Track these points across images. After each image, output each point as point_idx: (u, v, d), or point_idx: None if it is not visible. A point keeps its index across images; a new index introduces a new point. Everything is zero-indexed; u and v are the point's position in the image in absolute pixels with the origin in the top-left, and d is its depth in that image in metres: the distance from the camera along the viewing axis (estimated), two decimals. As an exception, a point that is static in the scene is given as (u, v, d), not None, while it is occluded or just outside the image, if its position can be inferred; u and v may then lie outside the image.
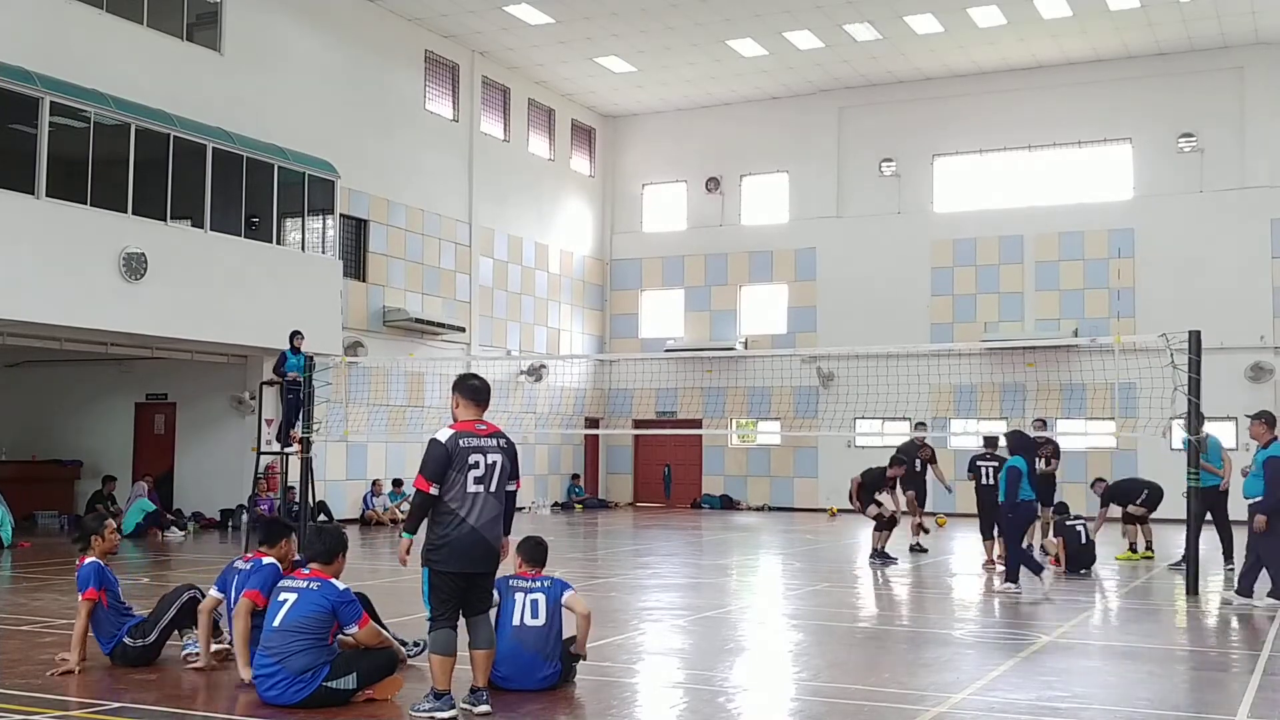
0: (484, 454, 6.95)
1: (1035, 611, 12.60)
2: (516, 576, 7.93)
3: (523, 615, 7.72)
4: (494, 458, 6.99)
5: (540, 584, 7.89)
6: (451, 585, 6.89)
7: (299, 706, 7.12)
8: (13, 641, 9.53)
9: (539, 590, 7.83)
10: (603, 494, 33.36)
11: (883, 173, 31.29)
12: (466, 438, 6.94)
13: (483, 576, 7.04)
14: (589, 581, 14.27)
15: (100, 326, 18.57)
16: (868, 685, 8.20)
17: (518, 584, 7.87)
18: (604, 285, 34.21)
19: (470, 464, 6.88)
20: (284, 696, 7.13)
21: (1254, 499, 12.22)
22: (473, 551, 6.89)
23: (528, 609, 7.74)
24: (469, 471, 6.88)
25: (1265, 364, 27.14)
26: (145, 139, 19.04)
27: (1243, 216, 27.72)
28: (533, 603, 7.76)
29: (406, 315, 25.99)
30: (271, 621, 7.32)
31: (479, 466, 6.91)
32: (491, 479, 6.95)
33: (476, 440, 6.97)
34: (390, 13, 26.14)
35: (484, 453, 6.96)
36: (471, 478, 6.88)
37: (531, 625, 7.71)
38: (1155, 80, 28.76)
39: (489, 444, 7.01)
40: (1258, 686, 8.20)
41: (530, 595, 7.79)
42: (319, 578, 7.44)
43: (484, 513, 6.91)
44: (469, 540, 6.86)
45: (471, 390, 7.18)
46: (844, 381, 27.95)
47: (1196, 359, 13.46)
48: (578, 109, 32.96)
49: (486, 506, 6.93)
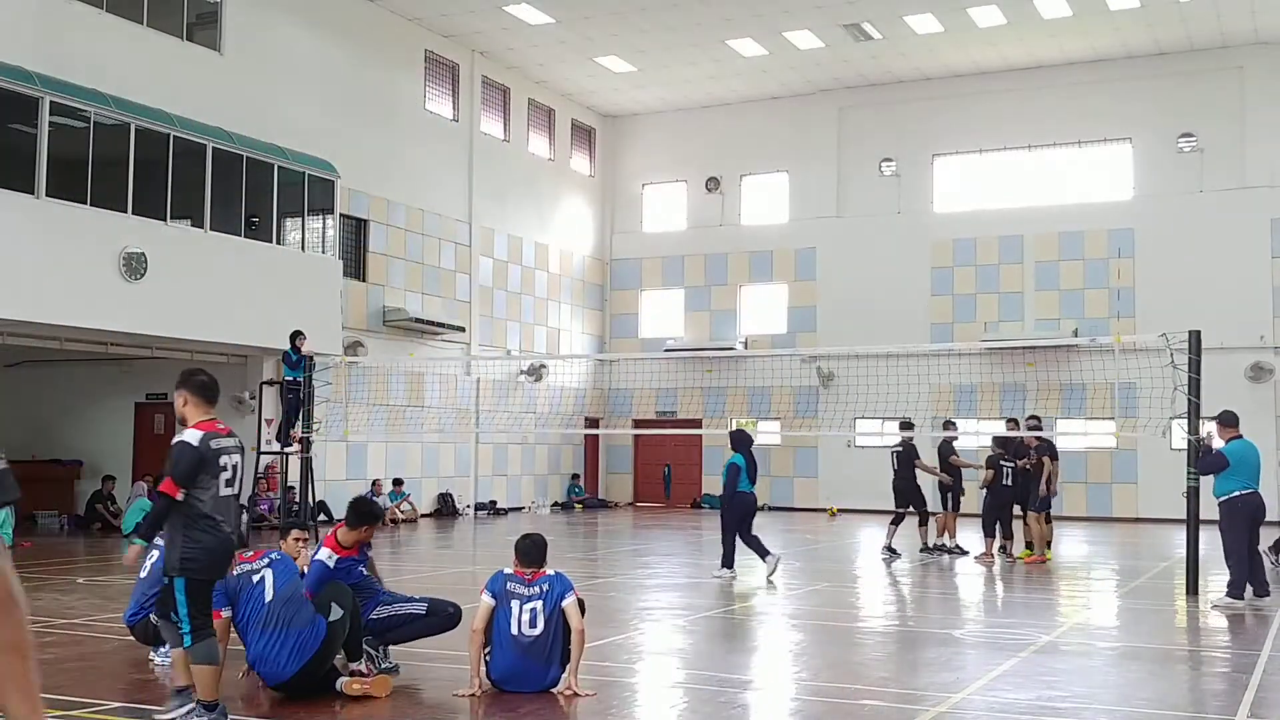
0: (229, 455, 6.64)
1: (1035, 611, 12.62)
2: (514, 579, 7.70)
3: (520, 625, 7.55)
4: (236, 458, 6.70)
5: (539, 589, 7.64)
6: (209, 593, 6.66)
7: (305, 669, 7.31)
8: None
9: (537, 598, 7.60)
10: (603, 494, 33.35)
11: (883, 173, 31.29)
12: (216, 439, 6.60)
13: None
14: (589, 581, 14.28)
15: (100, 326, 18.56)
16: (868, 685, 8.20)
17: (515, 589, 7.64)
18: (604, 285, 34.21)
19: (221, 467, 6.56)
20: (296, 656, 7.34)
21: (1224, 497, 12.36)
22: (226, 558, 6.70)
23: (525, 619, 7.56)
24: (221, 475, 6.54)
25: (1265, 364, 27.14)
26: (145, 139, 19.03)
27: (1243, 216, 27.71)
28: (531, 611, 7.57)
29: (406, 315, 25.99)
30: (264, 598, 7.47)
31: (229, 469, 6.60)
32: (236, 481, 6.69)
33: (224, 441, 6.65)
34: (390, 13, 26.14)
35: (229, 454, 6.64)
36: (223, 481, 6.57)
37: (529, 634, 7.55)
38: (1155, 80, 28.77)
39: (231, 444, 6.72)
40: (1258, 686, 8.20)
41: (528, 604, 7.58)
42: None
43: (232, 515, 6.71)
44: (226, 547, 6.62)
45: (200, 387, 6.76)
46: (844, 381, 27.94)
47: (1196, 359, 13.46)
48: (578, 109, 32.96)
49: (233, 510, 6.72)
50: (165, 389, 23.80)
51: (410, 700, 7.56)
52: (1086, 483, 28.73)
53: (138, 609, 8.56)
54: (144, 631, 8.50)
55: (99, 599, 11.91)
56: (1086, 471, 28.75)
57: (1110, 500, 28.51)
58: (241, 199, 20.97)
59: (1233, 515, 12.35)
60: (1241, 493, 12.29)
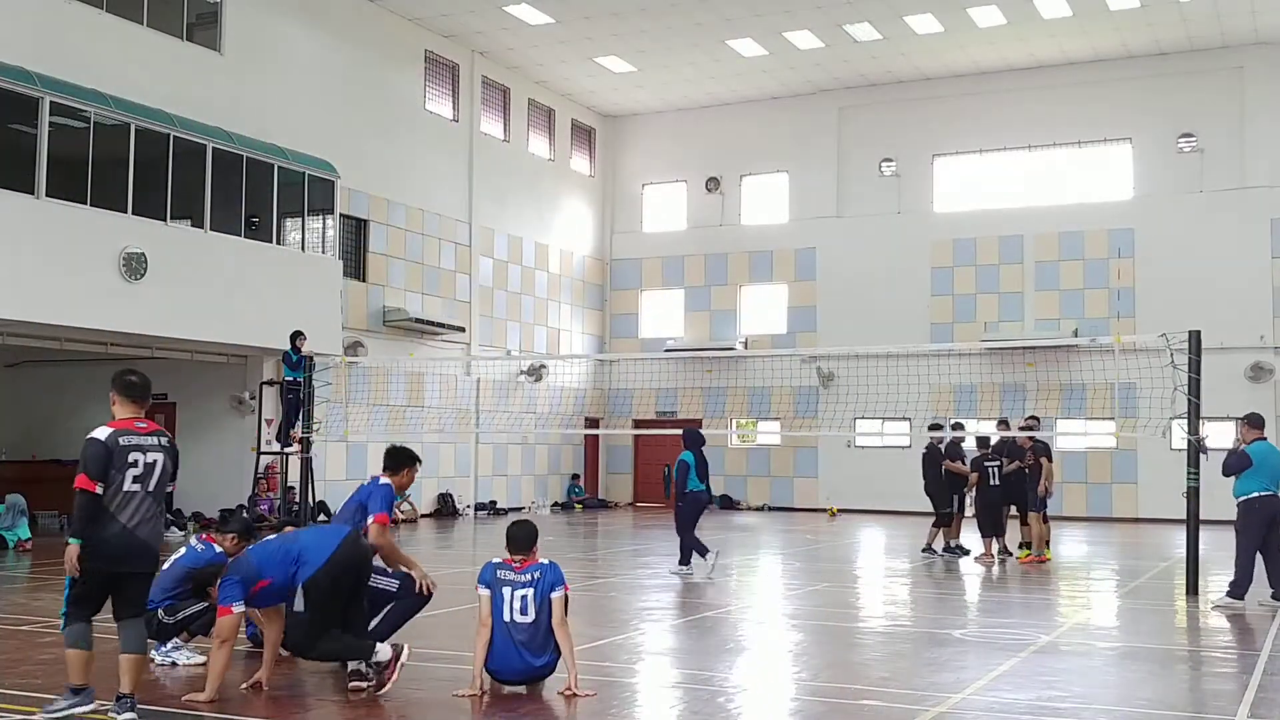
0: (144, 452, 6.86)
1: (1035, 611, 12.62)
2: (504, 566, 7.76)
3: (512, 612, 7.64)
4: (154, 456, 6.89)
5: (529, 576, 7.71)
6: (95, 584, 6.76)
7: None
8: (12, 641, 9.54)
9: (527, 585, 7.68)
10: (603, 494, 33.35)
11: (883, 173, 31.29)
12: (125, 435, 6.85)
13: (135, 578, 6.90)
14: (589, 581, 14.28)
15: (100, 326, 18.56)
16: (868, 685, 8.20)
17: (505, 577, 7.71)
18: (604, 285, 34.20)
19: (129, 462, 6.79)
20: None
21: (1243, 497, 12.30)
22: (121, 551, 6.75)
23: (517, 606, 7.64)
24: (128, 470, 6.78)
25: (1265, 364, 27.13)
26: (145, 139, 19.03)
27: (1243, 216, 27.71)
28: (522, 599, 7.65)
29: (406, 315, 25.99)
30: None
31: (138, 465, 6.81)
32: (150, 478, 6.85)
33: (136, 438, 6.88)
34: (390, 13, 26.14)
35: (144, 451, 6.86)
36: (130, 476, 6.78)
37: (521, 622, 7.63)
38: (1155, 80, 28.76)
39: (149, 442, 6.91)
40: (1258, 686, 8.20)
41: (519, 591, 7.66)
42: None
43: (139, 512, 6.80)
44: (119, 540, 6.72)
45: (126, 386, 7.09)
46: (844, 381, 27.94)
47: (1196, 359, 13.46)
48: (578, 109, 32.96)
49: (143, 506, 6.82)
50: (165, 389, 23.87)
51: (410, 700, 7.55)
52: (1086, 483, 28.72)
53: (152, 603, 8.55)
54: (147, 626, 8.48)
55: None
56: (1086, 471, 28.75)
57: (1110, 500, 28.51)
58: (241, 199, 20.98)
59: (1249, 516, 12.28)
60: (1261, 494, 12.22)
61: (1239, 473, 12.34)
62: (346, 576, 7.67)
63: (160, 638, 8.59)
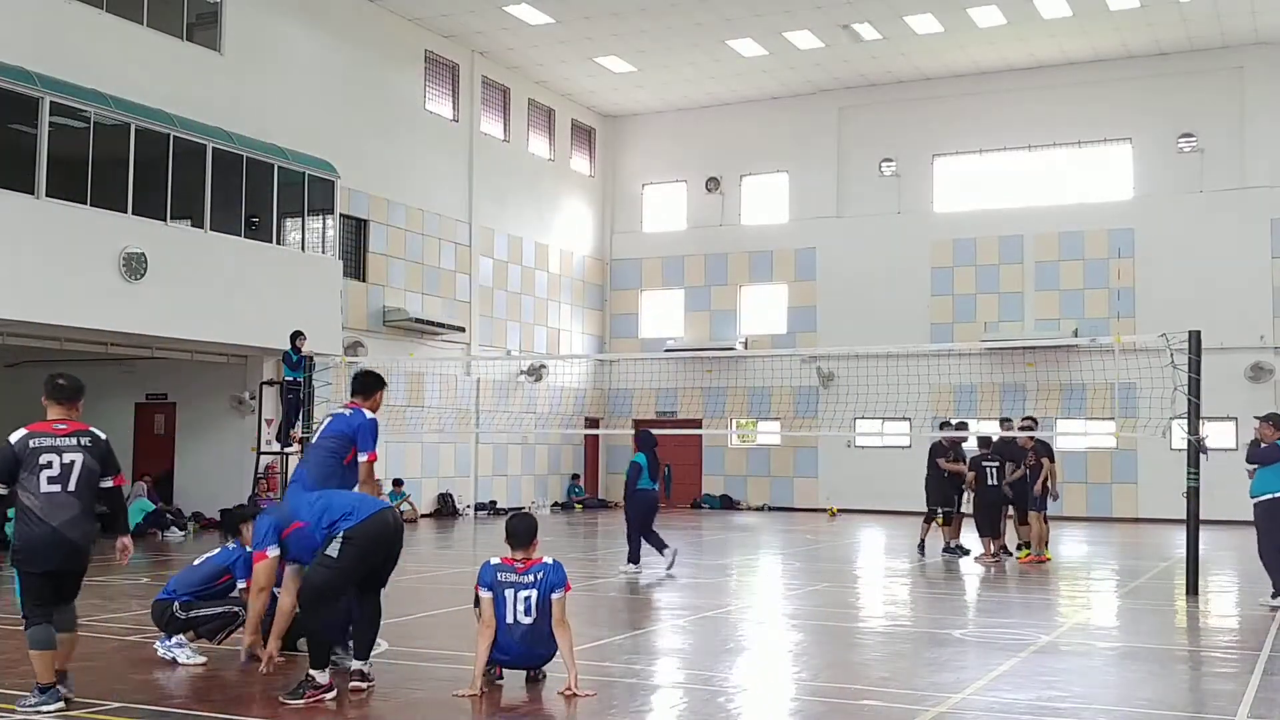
0: (59, 453, 7.00)
1: (1035, 611, 12.62)
2: (505, 568, 7.74)
3: (515, 613, 7.68)
4: (71, 457, 7.03)
5: (532, 577, 7.72)
6: (42, 584, 7.00)
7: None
8: (13, 641, 9.53)
9: (530, 587, 7.70)
10: (603, 494, 33.34)
11: (883, 173, 31.29)
12: (39, 438, 7.03)
13: (68, 575, 7.14)
14: (589, 582, 14.28)
15: (100, 326, 18.56)
16: (868, 685, 8.20)
17: (507, 579, 7.71)
18: (604, 285, 34.20)
19: (42, 464, 6.93)
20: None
21: (1261, 497, 12.27)
22: (52, 551, 6.94)
23: (520, 608, 7.68)
24: (41, 472, 6.92)
25: (1265, 364, 27.14)
26: (145, 139, 19.03)
27: (1243, 216, 27.71)
28: (525, 600, 7.68)
29: (406, 315, 25.99)
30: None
31: (53, 466, 6.95)
32: (69, 479, 6.97)
33: (51, 440, 7.03)
34: (390, 13, 26.14)
35: (59, 452, 7.00)
36: (45, 478, 6.92)
37: (525, 622, 7.68)
38: (1155, 80, 28.77)
39: (66, 444, 7.05)
40: (1258, 686, 8.20)
41: (521, 592, 7.69)
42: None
43: (62, 512, 6.93)
44: (48, 540, 6.91)
45: (53, 389, 7.34)
46: (844, 381, 27.95)
47: (1196, 359, 13.46)
48: (578, 109, 32.96)
49: (65, 506, 6.95)
50: (165, 389, 23.92)
51: (410, 700, 7.55)
52: (1086, 483, 28.72)
53: (169, 593, 8.78)
54: (160, 614, 8.74)
55: (99, 599, 11.90)
56: (1086, 471, 28.75)
57: (1110, 500, 28.51)
58: (241, 199, 20.97)
59: (1271, 517, 12.24)
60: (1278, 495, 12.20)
61: (1267, 463, 12.25)
62: (382, 541, 7.74)
63: (168, 630, 8.66)
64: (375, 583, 7.89)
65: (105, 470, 7.22)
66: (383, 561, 7.83)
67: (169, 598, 8.73)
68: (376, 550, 7.69)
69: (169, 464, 23.68)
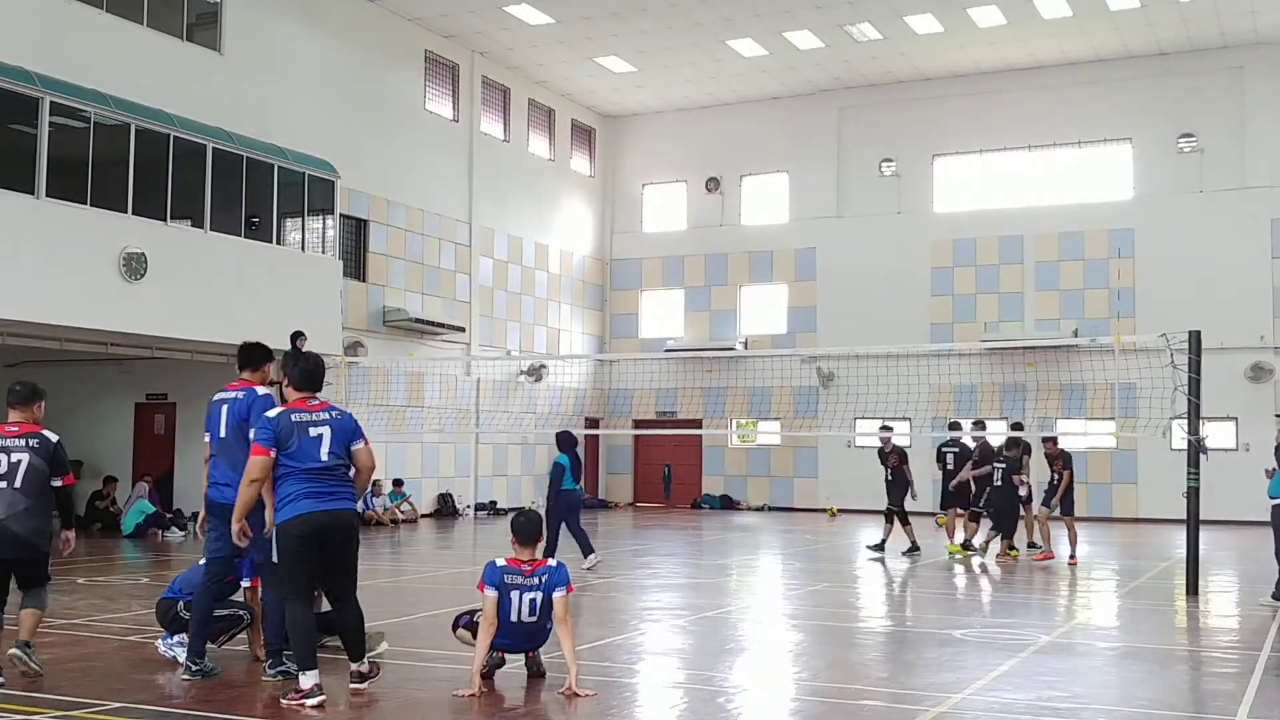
0: (7, 453, 7.82)
1: (1035, 611, 12.62)
2: (512, 570, 7.75)
3: (520, 614, 7.74)
4: (18, 456, 7.82)
5: (538, 579, 7.77)
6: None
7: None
8: (12, 641, 9.53)
9: (535, 589, 7.75)
10: (603, 494, 33.34)
11: (883, 173, 31.29)
12: None
13: (17, 563, 7.84)
14: (589, 582, 14.29)
15: (100, 326, 18.54)
16: (868, 685, 8.20)
17: (514, 581, 7.74)
18: (604, 285, 34.21)
19: None
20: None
21: (1278, 498, 12.27)
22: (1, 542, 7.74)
23: (525, 609, 7.75)
24: None
25: (1265, 364, 27.13)
26: (145, 139, 19.03)
27: (1243, 216, 27.71)
28: (530, 602, 7.74)
29: (406, 315, 25.99)
30: (319, 456, 7.50)
31: (1, 465, 7.77)
32: (15, 476, 7.76)
33: (2, 441, 7.87)
34: (390, 13, 26.14)
35: (7, 452, 7.83)
36: None
37: (529, 621, 7.78)
38: (1155, 80, 28.77)
39: (14, 444, 7.85)
40: (1258, 686, 8.20)
41: (527, 594, 7.73)
42: (329, 405, 7.92)
43: (10, 508, 7.70)
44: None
45: (8, 393, 8.15)
46: (844, 381, 27.95)
47: (1196, 359, 13.45)
48: (578, 109, 32.96)
49: (13, 503, 7.71)
50: (165, 389, 23.92)
51: (410, 700, 7.56)
52: (1086, 483, 28.65)
53: (174, 592, 8.79)
54: (164, 613, 8.77)
55: (99, 599, 11.91)
56: (1086, 471, 28.69)
57: (1110, 500, 28.51)
58: (241, 199, 20.97)
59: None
60: None
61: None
62: (312, 540, 7.39)
63: (171, 628, 8.69)
64: (335, 585, 7.63)
65: (54, 470, 7.91)
66: (325, 560, 7.51)
67: (174, 596, 8.74)
68: (307, 547, 7.42)
69: (169, 464, 23.68)
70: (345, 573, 7.61)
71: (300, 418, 7.67)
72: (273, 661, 7.90)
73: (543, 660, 8.13)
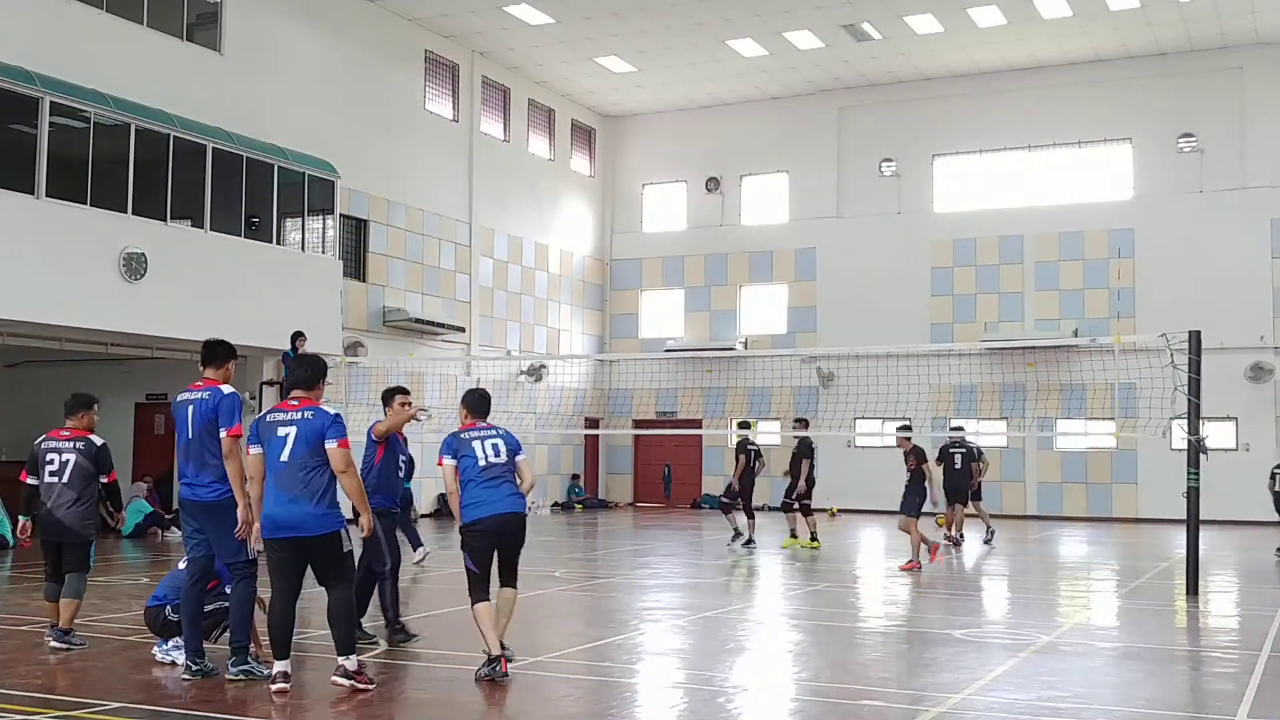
0: (59, 453, 9.24)
1: (1035, 611, 12.62)
2: (466, 430, 8.30)
3: (486, 456, 8.20)
4: (68, 456, 9.21)
5: (496, 431, 8.34)
6: (46, 550, 9.25)
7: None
8: (12, 641, 9.54)
9: (496, 436, 8.31)
10: (603, 494, 33.35)
11: (883, 173, 31.29)
12: (48, 442, 9.32)
13: (64, 547, 9.13)
14: (589, 581, 14.28)
15: (100, 326, 18.55)
16: (868, 685, 8.20)
17: (471, 435, 8.27)
18: (604, 285, 34.20)
19: (46, 461, 9.25)
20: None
21: None
22: (47, 528, 9.14)
23: (489, 450, 8.22)
24: (45, 467, 9.24)
25: (1265, 364, 27.13)
26: (145, 139, 19.03)
27: (1243, 216, 27.71)
28: (493, 445, 8.24)
29: (406, 315, 25.99)
30: (279, 456, 7.49)
31: (54, 463, 9.21)
32: (64, 473, 9.15)
33: (55, 444, 9.30)
34: (390, 13, 26.14)
35: (60, 452, 9.25)
36: (48, 471, 9.22)
37: (496, 461, 8.20)
38: (1155, 80, 28.76)
39: (65, 446, 9.27)
40: (1258, 686, 8.20)
41: (489, 440, 8.26)
42: (310, 405, 7.66)
43: (58, 499, 9.12)
44: (46, 520, 9.15)
45: (64, 405, 9.62)
46: (844, 381, 27.95)
47: (1196, 359, 13.45)
48: (578, 109, 32.96)
49: (61, 495, 9.13)
50: (165, 389, 23.89)
51: (410, 700, 7.55)
52: (1086, 483, 28.72)
53: (159, 599, 8.80)
54: (153, 620, 8.78)
55: (99, 599, 11.90)
56: (1086, 471, 28.75)
57: (1110, 500, 28.50)
58: (241, 199, 20.96)
59: None
60: None
61: None
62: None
63: (162, 634, 8.68)
64: (320, 578, 7.70)
65: (99, 469, 9.29)
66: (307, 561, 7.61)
67: (160, 603, 8.70)
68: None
69: (169, 464, 23.65)
70: (325, 572, 7.65)
71: (274, 418, 7.71)
72: (236, 659, 7.85)
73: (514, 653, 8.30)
